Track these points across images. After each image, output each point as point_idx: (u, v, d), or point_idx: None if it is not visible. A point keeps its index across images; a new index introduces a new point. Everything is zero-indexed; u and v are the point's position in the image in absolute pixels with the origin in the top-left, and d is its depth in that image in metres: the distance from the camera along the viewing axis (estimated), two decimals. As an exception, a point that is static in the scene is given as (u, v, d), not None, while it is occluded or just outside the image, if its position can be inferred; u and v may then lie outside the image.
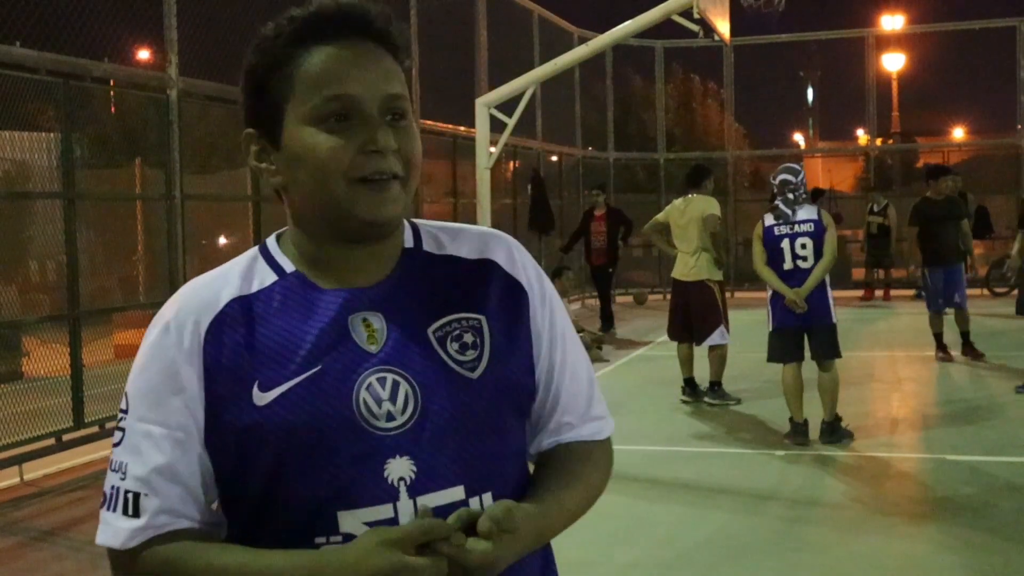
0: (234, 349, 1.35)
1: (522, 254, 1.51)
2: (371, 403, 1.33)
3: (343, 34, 1.36)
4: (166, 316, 1.39)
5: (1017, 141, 20.48)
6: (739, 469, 6.91)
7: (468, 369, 1.38)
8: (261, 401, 1.33)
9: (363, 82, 1.35)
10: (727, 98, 21.75)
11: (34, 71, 7.63)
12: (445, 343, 1.38)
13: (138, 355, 1.40)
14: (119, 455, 1.37)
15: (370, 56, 1.36)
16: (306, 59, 1.35)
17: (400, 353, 1.36)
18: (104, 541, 1.38)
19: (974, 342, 10.69)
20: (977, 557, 5.14)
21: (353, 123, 1.34)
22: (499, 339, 1.42)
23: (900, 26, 28.69)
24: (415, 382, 1.35)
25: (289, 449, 1.32)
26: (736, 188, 22.04)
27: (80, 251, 8.06)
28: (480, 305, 1.43)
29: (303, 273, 1.41)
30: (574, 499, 1.48)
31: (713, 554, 5.28)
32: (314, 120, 1.34)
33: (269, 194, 11.13)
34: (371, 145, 1.33)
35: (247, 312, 1.38)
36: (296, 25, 1.37)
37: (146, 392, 1.36)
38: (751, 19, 15.53)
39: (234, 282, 1.41)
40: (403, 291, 1.41)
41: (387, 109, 1.36)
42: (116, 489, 1.36)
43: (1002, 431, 7.82)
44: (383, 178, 1.34)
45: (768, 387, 9.73)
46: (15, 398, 7.58)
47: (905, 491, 6.38)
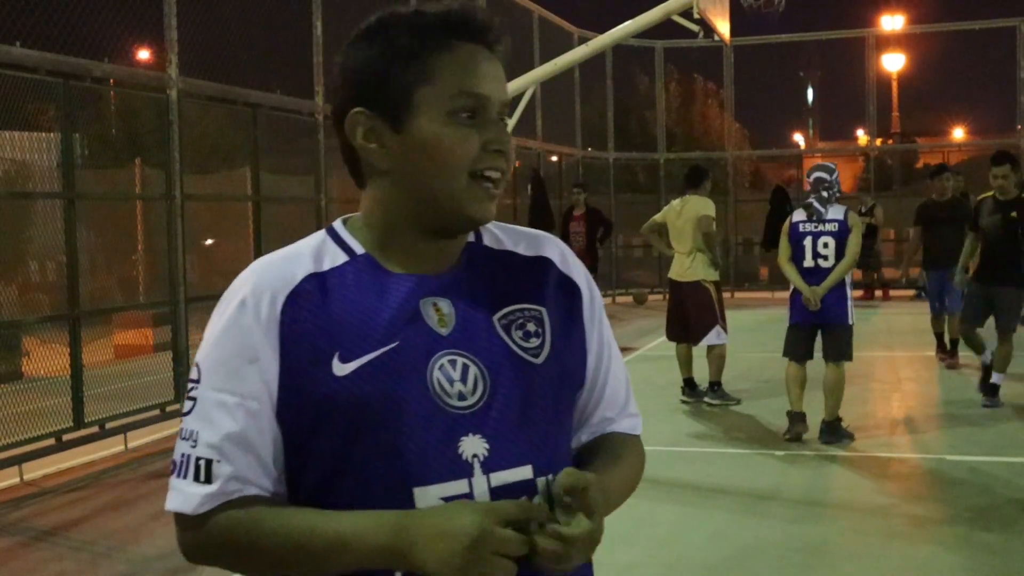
0: (312, 322, 1.39)
1: (571, 255, 1.60)
2: (444, 382, 1.39)
3: (469, 37, 1.44)
4: (241, 291, 1.42)
5: (1017, 141, 20.48)
6: (739, 469, 6.91)
7: (532, 355, 1.45)
8: (341, 372, 1.37)
9: (491, 84, 1.43)
10: (727, 98, 21.76)
11: (34, 71, 7.63)
12: (510, 330, 1.45)
13: (210, 328, 1.44)
14: (190, 423, 1.42)
15: (496, 62, 1.45)
16: (444, 53, 1.41)
17: (468, 338, 1.42)
18: (175, 507, 1.41)
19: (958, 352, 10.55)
20: (977, 557, 5.14)
21: (480, 120, 1.42)
22: (557, 331, 1.50)
23: (900, 26, 28.71)
24: (483, 365, 1.41)
25: (365, 420, 1.36)
26: (736, 188, 22.05)
27: (80, 251, 8.06)
28: (540, 297, 1.51)
29: (373, 257, 1.46)
30: (623, 474, 1.55)
31: (713, 554, 5.27)
32: (447, 112, 1.40)
33: (269, 194, 11.18)
34: (496, 144, 1.42)
35: (322, 287, 1.42)
36: (429, 20, 1.43)
37: (220, 363, 1.40)
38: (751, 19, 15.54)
39: (307, 260, 1.44)
40: (468, 281, 1.47)
41: (501, 113, 1.45)
42: (187, 457, 1.41)
43: (1002, 431, 7.82)
44: (498, 176, 1.43)
45: (768, 387, 9.73)
46: (15, 398, 7.58)
47: (905, 491, 6.38)
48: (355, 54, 1.45)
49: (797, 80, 42.97)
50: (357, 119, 1.43)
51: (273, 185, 10.80)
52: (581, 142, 20.09)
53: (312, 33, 11.12)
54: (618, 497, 1.52)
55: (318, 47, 11.17)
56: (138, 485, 7.01)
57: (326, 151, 11.31)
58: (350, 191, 13.11)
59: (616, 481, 1.51)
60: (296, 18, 11.14)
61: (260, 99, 10.14)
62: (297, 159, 11.78)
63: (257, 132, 10.02)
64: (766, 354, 12.21)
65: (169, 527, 5.42)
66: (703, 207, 9.06)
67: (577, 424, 1.58)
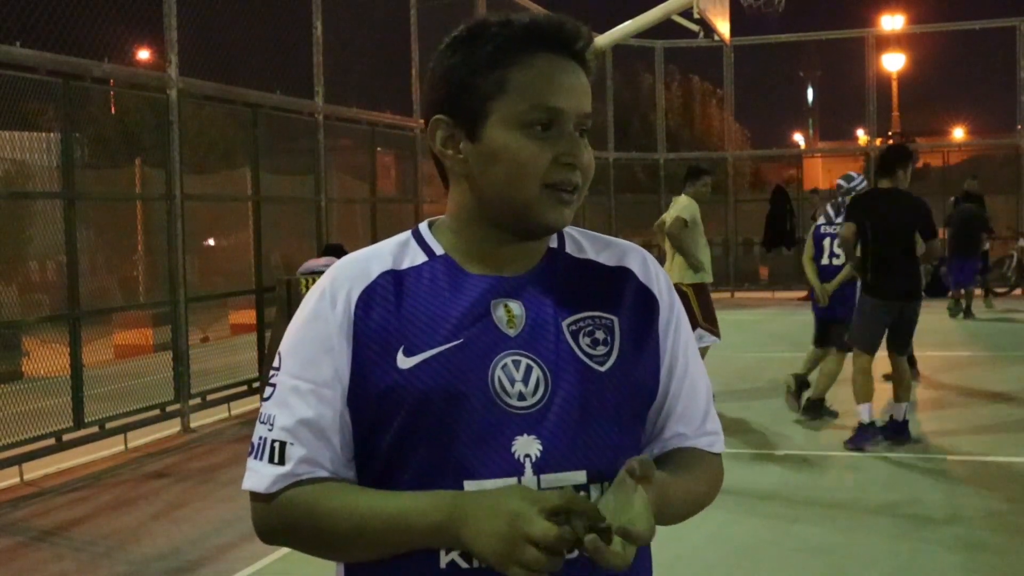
0: (383, 316, 1.45)
1: (656, 266, 1.60)
2: (505, 381, 1.42)
3: (554, 48, 1.46)
4: (323, 284, 1.49)
5: (1017, 141, 20.49)
6: (739, 469, 6.90)
7: (598, 363, 1.46)
8: (404, 365, 1.42)
9: (568, 96, 1.44)
10: (727, 98, 21.76)
11: (34, 71, 7.63)
12: (578, 337, 1.47)
13: (295, 318, 1.50)
14: (268, 408, 1.47)
15: (575, 73, 1.47)
16: (520, 65, 1.44)
17: (535, 340, 1.45)
18: (250, 486, 1.46)
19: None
20: (977, 557, 5.14)
21: (553, 133, 1.44)
22: (628, 341, 1.50)
23: (900, 26, 28.68)
24: (547, 368, 1.43)
25: (424, 413, 1.40)
26: (736, 188, 22.05)
27: (80, 251, 8.06)
28: (614, 307, 1.52)
29: (453, 258, 1.50)
30: (687, 485, 1.52)
31: (713, 554, 5.28)
32: (520, 124, 1.43)
33: (269, 194, 11.18)
34: (568, 158, 1.44)
35: (397, 285, 1.48)
36: (513, 31, 1.46)
37: (299, 351, 1.46)
38: (751, 19, 15.54)
39: (386, 258, 1.50)
40: (543, 285, 1.50)
41: (580, 127, 1.46)
42: (263, 439, 1.45)
43: (1002, 431, 7.82)
44: (570, 189, 1.45)
45: (768, 387, 9.73)
46: (15, 398, 7.57)
47: (905, 491, 6.38)
48: (442, 61, 1.50)
49: (797, 80, 42.94)
50: (437, 125, 1.49)
51: (273, 185, 10.79)
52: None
53: (312, 33, 11.12)
54: (680, 506, 1.51)
55: (318, 47, 11.16)
56: (138, 485, 7.01)
57: (326, 151, 11.31)
58: (350, 191, 13.12)
59: (678, 488, 1.48)
60: (296, 18, 11.15)
61: (260, 99, 10.14)
62: (297, 159, 11.78)
63: (257, 132, 10.03)
64: (766, 354, 12.22)
65: (169, 527, 5.42)
66: (679, 208, 8.77)
67: (649, 437, 1.58)
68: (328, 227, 11.37)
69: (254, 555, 5.30)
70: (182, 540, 5.59)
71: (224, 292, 10.92)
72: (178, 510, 6.30)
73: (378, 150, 13.40)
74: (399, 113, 13.25)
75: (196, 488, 6.89)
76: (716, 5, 14.09)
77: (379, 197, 13.16)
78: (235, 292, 10.74)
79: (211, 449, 8.13)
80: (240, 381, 9.79)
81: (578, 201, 1.47)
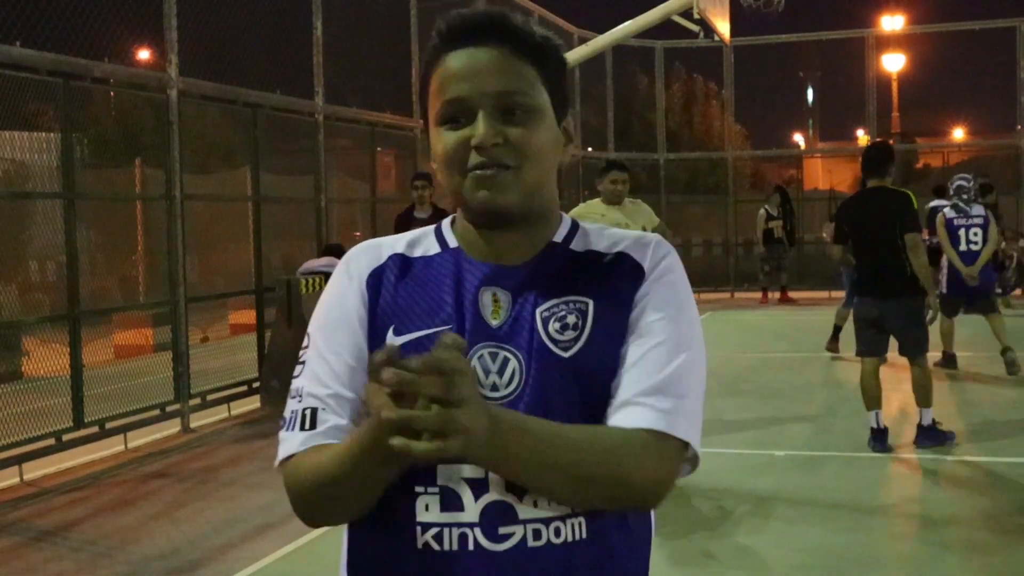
0: (386, 296, 1.53)
1: (659, 247, 1.53)
2: (480, 372, 1.44)
3: (465, 42, 1.49)
4: (343, 265, 1.58)
5: (1017, 141, 20.50)
6: (739, 469, 6.91)
7: (563, 348, 1.46)
8: (393, 342, 1.47)
9: (469, 81, 1.46)
10: (727, 98, 21.76)
11: (34, 71, 7.63)
12: (548, 323, 1.47)
13: (321, 299, 1.57)
14: (298, 383, 1.51)
15: (486, 58, 1.48)
16: (439, 66, 1.50)
17: (516, 332, 1.47)
18: (283, 454, 1.47)
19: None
20: (977, 557, 5.14)
21: (465, 123, 1.47)
22: (604, 322, 1.48)
23: (900, 26, 28.68)
24: (523, 360, 1.45)
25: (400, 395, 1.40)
26: (736, 188, 22.05)
27: (80, 251, 8.07)
28: (593, 289, 1.50)
29: (463, 249, 1.55)
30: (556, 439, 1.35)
31: (713, 555, 5.27)
32: (440, 121, 1.49)
33: (269, 194, 11.18)
34: (474, 141, 1.45)
35: (404, 268, 1.55)
36: (436, 36, 1.52)
37: (325, 327, 1.53)
38: (751, 19, 15.54)
39: (400, 244, 1.58)
40: (535, 276, 1.51)
41: (501, 105, 1.46)
42: (294, 412, 1.49)
43: (1001, 431, 7.82)
44: (487, 171, 1.46)
45: (768, 387, 9.74)
46: (15, 398, 7.58)
47: (905, 491, 6.38)
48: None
49: (797, 80, 43.03)
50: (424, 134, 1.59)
51: (273, 185, 10.79)
52: (581, 142, 20.09)
53: (312, 33, 11.12)
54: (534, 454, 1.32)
55: (318, 47, 11.16)
56: (138, 485, 7.01)
57: (326, 151, 11.32)
58: (350, 191, 13.12)
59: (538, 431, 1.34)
60: (296, 18, 11.15)
61: (260, 99, 10.14)
62: (297, 159, 11.78)
63: (257, 132, 10.03)
64: (766, 354, 12.22)
65: (169, 527, 5.42)
66: (650, 220, 7.37)
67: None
68: (328, 227, 11.37)
69: (254, 555, 5.30)
70: (182, 540, 5.58)
71: (224, 292, 10.93)
72: (178, 510, 6.30)
73: (378, 150, 13.40)
74: (399, 113, 13.24)
75: (196, 488, 6.89)
76: (716, 5, 14.09)
77: (379, 197, 13.16)
78: (235, 292, 10.74)
79: (211, 449, 8.13)
80: (240, 381, 9.79)
81: (514, 177, 1.46)
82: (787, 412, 8.66)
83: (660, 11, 13.30)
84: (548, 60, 1.53)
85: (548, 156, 1.51)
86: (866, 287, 7.26)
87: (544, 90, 1.51)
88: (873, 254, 7.19)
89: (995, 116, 42.94)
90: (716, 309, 18.21)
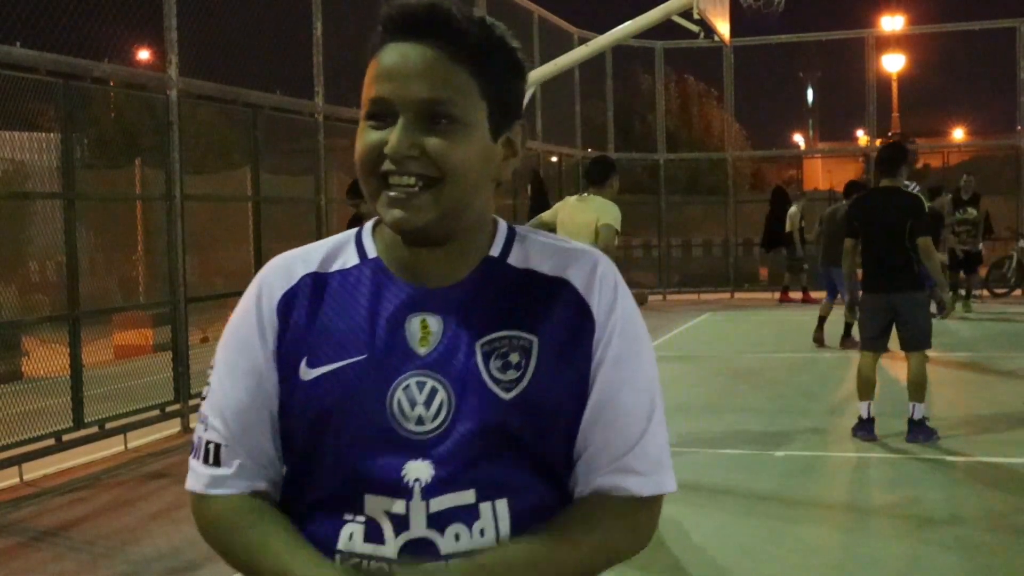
0: (297, 322, 1.41)
1: (604, 274, 1.45)
2: (404, 404, 1.36)
3: (402, 35, 1.37)
4: (256, 283, 1.47)
5: (1017, 142, 20.48)
6: (739, 469, 6.91)
7: (504, 388, 1.37)
8: (306, 376, 1.39)
9: (399, 85, 1.35)
10: (727, 99, 21.76)
11: (34, 71, 7.63)
12: (490, 359, 1.38)
13: (232, 319, 1.48)
14: (204, 408, 1.46)
15: (418, 59, 1.35)
16: (375, 58, 1.40)
17: (446, 361, 1.37)
18: (189, 486, 1.46)
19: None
20: (977, 557, 5.14)
21: (386, 124, 1.36)
22: (547, 363, 1.38)
23: (900, 27, 28.69)
24: (452, 391, 1.36)
25: (321, 428, 1.38)
26: (736, 189, 22.05)
27: (80, 251, 8.06)
28: (538, 325, 1.40)
29: (383, 262, 1.44)
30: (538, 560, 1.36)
31: (713, 555, 5.27)
32: (365, 117, 1.38)
33: (269, 194, 11.16)
34: (386, 149, 1.34)
35: (318, 289, 1.43)
36: (380, 23, 1.41)
37: (229, 351, 1.45)
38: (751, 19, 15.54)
39: (314, 259, 1.46)
40: (469, 299, 1.40)
41: (423, 113, 1.35)
42: (199, 440, 1.45)
43: (1001, 431, 7.82)
44: (400, 193, 1.34)
45: (768, 387, 9.74)
46: (15, 398, 7.57)
47: (905, 491, 6.37)
48: None
49: (797, 80, 43.07)
50: None
51: (273, 185, 10.80)
52: (581, 142, 20.09)
53: (312, 33, 11.12)
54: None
55: (318, 47, 11.16)
56: (138, 485, 7.01)
57: (326, 151, 11.31)
58: (350, 191, 13.12)
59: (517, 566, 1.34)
60: (296, 18, 11.15)
61: (260, 99, 10.14)
62: (297, 159, 11.77)
63: (257, 132, 10.03)
64: (766, 354, 12.22)
65: (169, 527, 5.42)
66: (605, 213, 6.97)
67: (573, 480, 1.44)
68: (328, 227, 11.37)
69: (254, 555, 5.29)
70: (182, 540, 5.57)
71: (224, 292, 10.93)
72: (178, 510, 6.29)
73: (378, 150, 13.38)
74: (399, 113, 13.23)
75: (196, 488, 6.88)
76: (716, 5, 14.09)
77: (379, 197, 13.13)
78: (235, 292, 10.72)
79: (211, 449, 8.11)
80: (240, 381, 9.76)
81: (431, 197, 1.34)
82: (787, 412, 8.66)
83: (660, 11, 13.30)
84: (492, 65, 1.38)
85: (474, 171, 1.36)
86: (874, 283, 7.42)
87: (480, 99, 1.37)
88: (882, 251, 7.36)
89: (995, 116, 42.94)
90: (716, 309, 18.21)
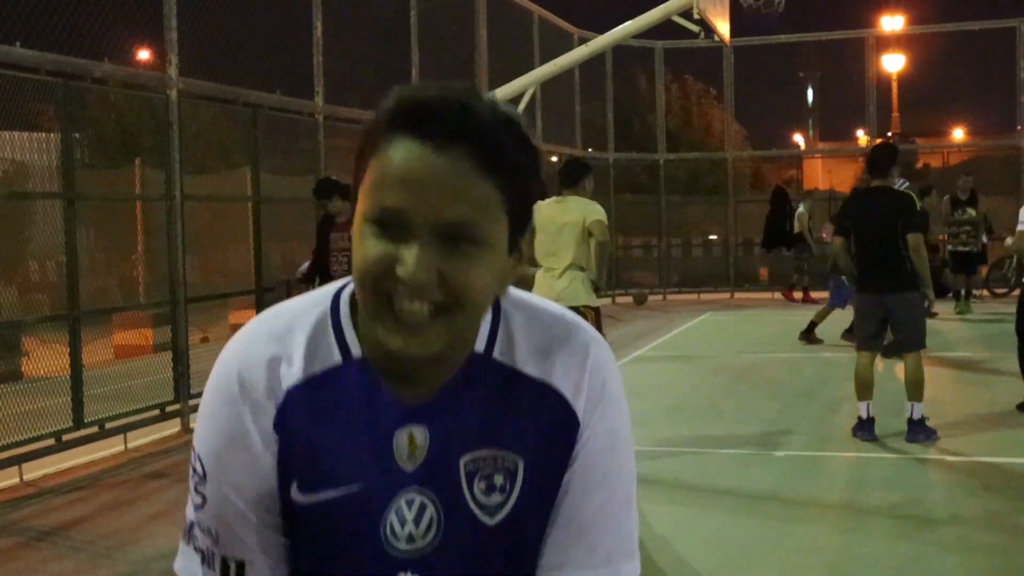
0: (295, 436, 1.31)
1: (594, 370, 1.34)
2: (396, 525, 1.32)
3: (416, 132, 1.19)
4: (241, 394, 1.30)
5: (1017, 142, 20.48)
6: (739, 469, 6.91)
7: (488, 513, 1.32)
8: (298, 499, 1.32)
9: (417, 198, 1.17)
10: (727, 98, 21.75)
11: (34, 71, 7.63)
12: (473, 480, 1.32)
13: (207, 418, 1.33)
14: (205, 521, 1.37)
15: (439, 168, 1.17)
16: (381, 151, 1.21)
17: (433, 476, 1.31)
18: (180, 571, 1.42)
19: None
20: (977, 557, 5.14)
21: (395, 237, 1.18)
22: (534, 483, 1.33)
23: (900, 27, 28.71)
24: (442, 509, 1.32)
25: (311, 550, 1.35)
26: (736, 189, 22.05)
27: (80, 251, 8.06)
28: (522, 444, 1.33)
29: (367, 362, 1.30)
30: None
31: (713, 555, 5.27)
32: (367, 217, 1.20)
33: (269, 194, 11.16)
34: (400, 273, 1.18)
35: (313, 396, 1.31)
36: (382, 111, 1.25)
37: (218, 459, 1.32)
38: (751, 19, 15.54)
39: (297, 361, 1.30)
40: (455, 406, 1.31)
41: (445, 234, 1.18)
42: (210, 552, 1.37)
43: (1001, 431, 7.82)
44: (412, 310, 1.19)
45: (768, 387, 9.73)
46: (15, 398, 7.57)
47: (905, 491, 6.37)
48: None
49: (797, 80, 43.07)
50: None
51: (273, 185, 10.80)
52: (581, 143, 20.09)
53: (312, 33, 11.13)
54: None
55: (318, 47, 11.17)
56: (138, 485, 7.01)
57: (326, 151, 11.32)
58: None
59: None
60: (296, 18, 11.15)
61: (260, 99, 10.14)
62: (297, 159, 11.78)
63: (257, 132, 10.03)
64: (766, 355, 12.22)
65: (169, 527, 5.41)
66: (592, 211, 7.05)
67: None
68: (328, 227, 11.36)
69: (254, 555, 5.29)
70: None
71: (224, 292, 10.93)
72: (178, 510, 6.28)
73: (378, 150, 13.39)
74: (399, 113, 13.24)
75: (196, 488, 6.88)
76: (716, 5, 14.08)
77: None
78: (235, 292, 10.75)
79: (211, 449, 8.11)
80: (240, 381, 9.76)
81: (442, 327, 1.20)
82: (787, 412, 8.66)
83: (660, 11, 13.30)
84: (518, 174, 1.22)
85: (490, 295, 1.24)
86: (868, 283, 7.43)
87: (503, 215, 1.21)
88: (875, 250, 7.39)
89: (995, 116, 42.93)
90: (716, 309, 18.22)
